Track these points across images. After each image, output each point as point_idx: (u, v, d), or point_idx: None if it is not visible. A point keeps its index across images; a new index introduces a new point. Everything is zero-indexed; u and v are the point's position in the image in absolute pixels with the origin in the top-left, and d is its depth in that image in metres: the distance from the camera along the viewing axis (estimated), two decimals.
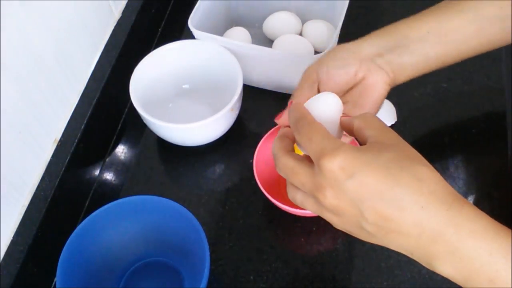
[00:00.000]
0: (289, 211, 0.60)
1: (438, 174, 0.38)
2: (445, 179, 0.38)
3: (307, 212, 0.60)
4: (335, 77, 0.51)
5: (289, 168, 0.41)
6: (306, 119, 0.41)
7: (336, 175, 0.37)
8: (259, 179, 0.61)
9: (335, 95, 0.45)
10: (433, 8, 0.53)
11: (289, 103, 0.51)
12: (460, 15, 0.51)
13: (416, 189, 0.36)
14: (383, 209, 0.36)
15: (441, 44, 0.52)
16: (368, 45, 0.52)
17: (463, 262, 0.36)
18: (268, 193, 0.60)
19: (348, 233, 0.41)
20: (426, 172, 0.37)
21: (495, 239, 0.36)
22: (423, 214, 0.36)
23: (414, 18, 0.53)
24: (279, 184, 0.66)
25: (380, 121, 0.42)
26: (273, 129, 0.65)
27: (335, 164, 0.37)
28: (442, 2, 0.53)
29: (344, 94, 0.53)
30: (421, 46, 0.51)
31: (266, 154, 0.64)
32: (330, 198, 0.38)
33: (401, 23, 0.53)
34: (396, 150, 0.38)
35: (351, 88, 0.52)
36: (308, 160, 0.40)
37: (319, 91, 0.52)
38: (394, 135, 0.40)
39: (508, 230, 0.37)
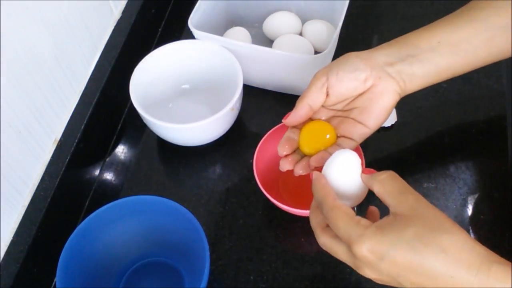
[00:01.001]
0: (289, 211, 0.60)
1: (463, 236, 0.40)
2: (445, 179, 0.39)
3: (307, 212, 0.60)
4: (345, 81, 0.52)
5: (328, 247, 0.46)
6: (327, 203, 0.45)
7: (368, 259, 0.41)
8: (259, 179, 0.61)
9: (351, 151, 0.48)
10: (444, 19, 0.54)
11: (297, 105, 0.53)
12: (471, 25, 0.52)
13: (443, 262, 0.39)
14: (418, 280, 0.40)
15: (451, 54, 0.52)
16: (380, 54, 0.53)
17: None
18: (268, 193, 0.60)
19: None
20: (450, 241, 0.40)
21: None
22: (454, 282, 0.39)
23: (425, 28, 0.54)
24: (279, 184, 0.66)
25: (398, 182, 0.44)
26: (273, 128, 0.65)
27: (364, 250, 0.41)
28: (453, 13, 0.54)
29: (352, 100, 0.53)
30: (432, 56, 0.52)
31: (266, 154, 0.64)
32: (369, 274, 0.43)
33: (412, 34, 0.54)
34: (417, 224, 0.41)
35: (359, 95, 0.53)
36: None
37: (327, 95, 0.53)
38: (413, 199, 0.43)
39: None
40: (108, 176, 0.72)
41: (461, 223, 0.63)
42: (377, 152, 0.70)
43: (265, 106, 0.76)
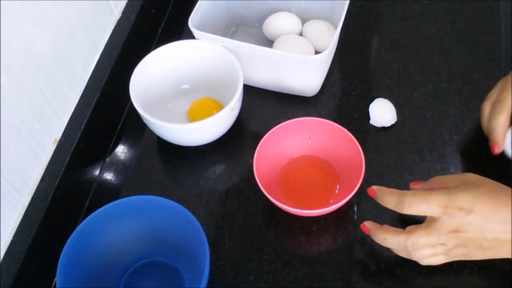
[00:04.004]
0: (289, 211, 0.60)
1: None
2: None
3: (307, 212, 0.60)
4: None
5: (418, 239, 0.53)
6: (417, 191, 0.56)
7: (459, 214, 0.51)
8: (259, 179, 0.61)
9: None
10: None
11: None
12: None
13: None
14: (499, 227, 0.50)
15: None
16: None
17: None
18: (268, 193, 0.60)
19: (463, 257, 0.54)
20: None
21: None
22: None
23: None
24: (279, 184, 0.66)
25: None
26: (273, 129, 0.65)
27: (458, 205, 0.51)
28: None
29: None
30: None
31: (266, 154, 0.64)
32: (453, 239, 0.52)
33: None
34: (486, 184, 0.54)
35: None
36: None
37: None
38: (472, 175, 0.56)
39: None
40: (108, 176, 0.72)
41: None
42: (377, 152, 0.70)
43: (265, 106, 0.76)
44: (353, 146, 0.63)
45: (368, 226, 0.57)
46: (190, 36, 0.72)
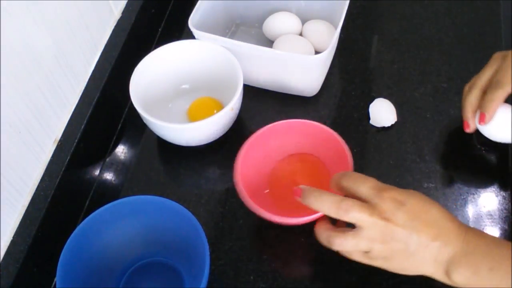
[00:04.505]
0: (281, 223, 0.58)
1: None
2: (445, 179, 0.39)
3: (299, 221, 0.58)
4: None
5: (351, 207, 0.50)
6: (350, 173, 0.55)
7: (391, 204, 0.50)
8: (245, 189, 0.59)
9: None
10: None
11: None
12: None
13: (443, 213, 0.51)
14: (425, 228, 0.49)
15: None
16: None
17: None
18: (257, 202, 0.58)
19: (385, 261, 0.52)
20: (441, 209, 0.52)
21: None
22: (447, 229, 0.50)
23: None
24: (268, 192, 0.64)
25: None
26: (256, 133, 0.63)
27: (390, 196, 0.50)
28: None
29: None
30: None
31: (252, 160, 0.62)
32: (381, 226, 0.50)
33: None
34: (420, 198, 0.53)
35: None
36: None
37: None
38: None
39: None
40: (108, 176, 0.72)
41: None
42: (377, 152, 0.70)
43: (265, 106, 0.76)
44: (339, 147, 0.61)
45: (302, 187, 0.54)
46: (190, 36, 0.72)
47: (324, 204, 0.51)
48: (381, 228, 0.49)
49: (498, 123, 0.63)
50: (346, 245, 0.51)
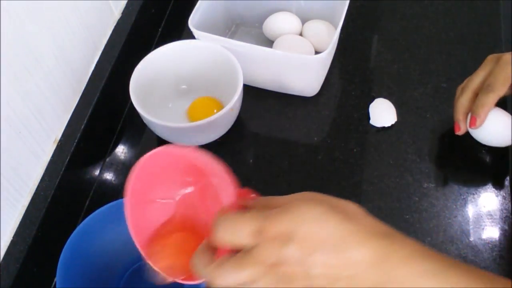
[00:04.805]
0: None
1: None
2: (445, 179, 0.38)
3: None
4: None
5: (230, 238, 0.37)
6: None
7: (277, 243, 0.36)
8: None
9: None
10: None
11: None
12: None
13: (346, 219, 0.36)
14: (330, 260, 0.35)
15: None
16: None
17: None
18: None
19: None
20: (356, 209, 0.38)
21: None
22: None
23: None
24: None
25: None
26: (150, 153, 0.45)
27: (273, 231, 0.36)
28: None
29: None
30: None
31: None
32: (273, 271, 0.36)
33: None
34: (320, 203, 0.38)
35: None
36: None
37: None
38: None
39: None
40: (108, 176, 0.72)
41: (461, 223, 0.63)
42: (377, 152, 0.70)
43: (265, 106, 0.76)
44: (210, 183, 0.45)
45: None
46: (190, 36, 0.72)
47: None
48: (277, 277, 0.36)
49: (488, 127, 0.63)
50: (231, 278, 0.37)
